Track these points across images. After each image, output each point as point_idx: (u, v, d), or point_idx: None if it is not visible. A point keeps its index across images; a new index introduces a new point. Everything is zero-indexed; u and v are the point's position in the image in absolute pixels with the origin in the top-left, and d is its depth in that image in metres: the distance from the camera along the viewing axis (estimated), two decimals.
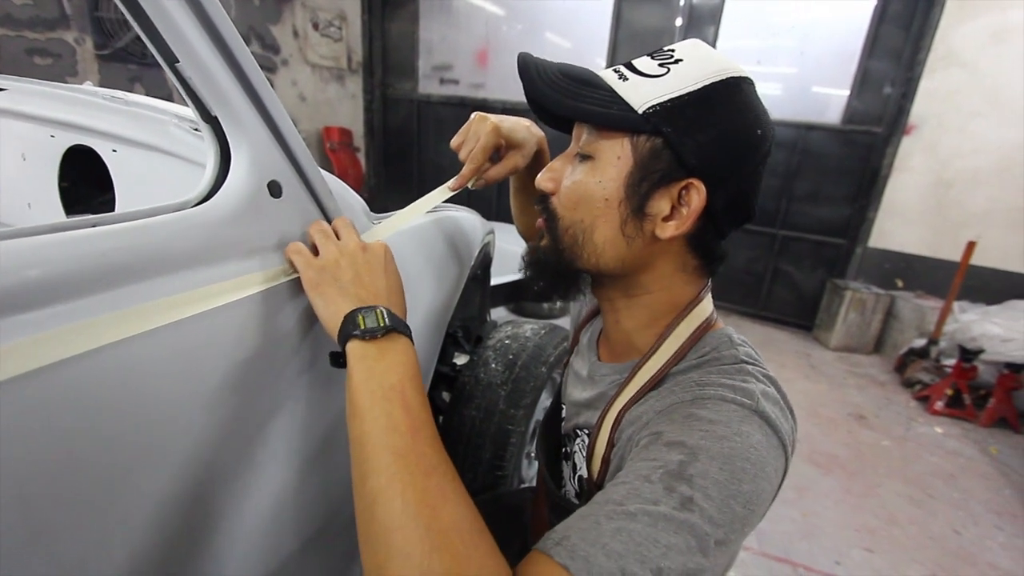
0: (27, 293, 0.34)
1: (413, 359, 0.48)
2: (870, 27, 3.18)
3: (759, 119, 0.49)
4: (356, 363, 0.46)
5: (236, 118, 0.48)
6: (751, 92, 0.49)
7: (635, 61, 0.51)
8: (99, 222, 0.41)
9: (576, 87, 0.50)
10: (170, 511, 0.45)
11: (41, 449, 0.34)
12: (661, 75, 0.48)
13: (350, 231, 0.56)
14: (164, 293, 0.42)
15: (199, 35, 0.44)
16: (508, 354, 1.24)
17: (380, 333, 0.47)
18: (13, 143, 0.87)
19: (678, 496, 0.37)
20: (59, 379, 0.34)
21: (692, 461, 0.39)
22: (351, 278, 0.51)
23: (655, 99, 0.47)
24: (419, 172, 4.94)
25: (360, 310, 0.48)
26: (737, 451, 0.40)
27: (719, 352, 0.50)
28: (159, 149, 0.73)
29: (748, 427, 0.42)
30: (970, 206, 3.10)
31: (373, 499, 0.38)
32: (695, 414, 0.43)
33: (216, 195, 0.48)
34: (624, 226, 0.50)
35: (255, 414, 0.52)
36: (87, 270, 0.37)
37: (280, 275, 0.52)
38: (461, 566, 0.35)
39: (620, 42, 3.83)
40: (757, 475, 0.40)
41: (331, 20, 4.42)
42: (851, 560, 1.64)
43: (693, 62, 0.48)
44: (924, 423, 2.61)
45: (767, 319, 3.82)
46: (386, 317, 0.48)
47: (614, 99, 0.48)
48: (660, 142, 0.47)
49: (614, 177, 0.49)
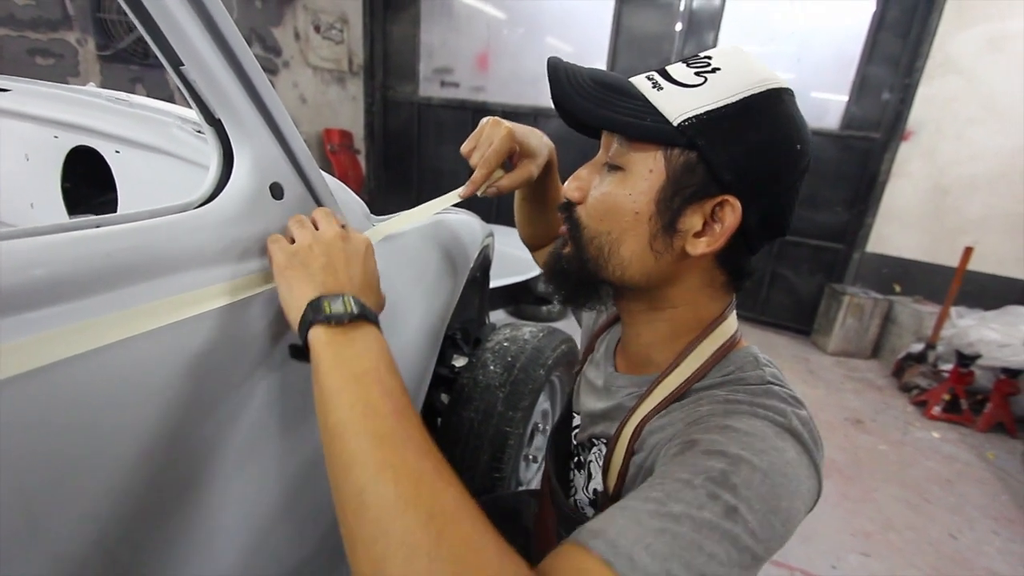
0: (33, 292, 0.34)
1: (385, 347, 0.45)
2: (868, 33, 3.19)
3: (799, 132, 0.46)
4: (322, 349, 0.42)
5: (239, 121, 0.49)
6: (791, 104, 0.47)
7: (670, 68, 0.49)
8: (103, 223, 0.41)
9: (608, 95, 0.48)
10: (170, 508, 0.45)
11: (44, 446, 0.35)
12: (698, 85, 0.46)
13: (329, 220, 0.54)
14: (168, 293, 0.42)
15: (204, 39, 0.45)
16: (507, 356, 1.24)
17: (347, 319, 0.43)
18: (17, 144, 0.87)
19: (723, 504, 0.35)
20: (64, 377, 0.35)
21: (735, 470, 0.37)
22: (322, 264, 0.48)
23: (691, 111, 0.45)
24: (419, 175, 4.95)
25: (325, 296, 0.45)
26: (776, 466, 0.38)
27: (744, 372, 0.48)
28: (162, 151, 0.74)
29: (783, 443, 0.40)
30: (967, 212, 3.12)
31: (361, 491, 0.34)
32: (731, 426, 0.41)
33: (219, 196, 0.49)
34: (653, 241, 0.48)
35: (257, 411, 0.52)
36: (92, 270, 0.38)
37: None
38: (476, 554, 0.31)
39: (620, 46, 3.85)
40: (794, 493, 0.38)
41: (332, 22, 4.44)
42: (848, 564, 1.64)
43: (732, 72, 0.46)
44: (921, 428, 2.61)
45: (765, 323, 3.83)
46: (353, 304, 0.45)
47: (647, 109, 0.46)
48: (695, 156, 0.45)
49: (645, 191, 0.47)
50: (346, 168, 4.60)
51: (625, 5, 3.77)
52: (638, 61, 3.81)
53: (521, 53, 4.33)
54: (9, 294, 0.33)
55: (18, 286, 0.33)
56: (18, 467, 0.33)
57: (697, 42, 3.62)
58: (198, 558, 0.49)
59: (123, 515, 0.41)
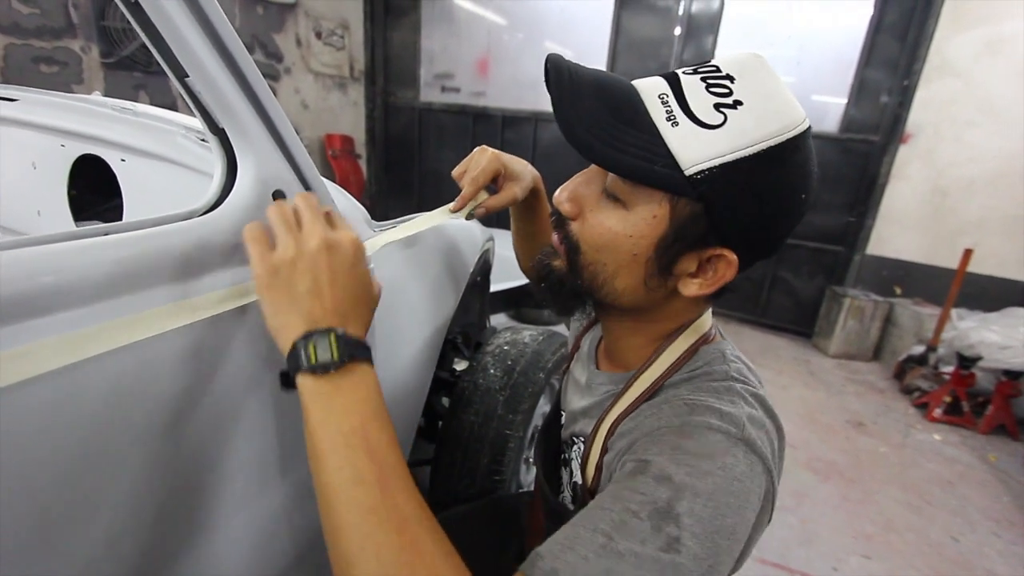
0: (43, 298, 0.35)
1: (373, 389, 0.44)
2: (866, 37, 3.21)
3: (807, 180, 0.45)
4: (311, 402, 0.42)
5: (242, 130, 0.50)
6: (806, 148, 0.45)
7: (686, 87, 0.45)
8: (111, 230, 0.42)
9: (615, 127, 0.44)
10: (175, 507, 0.46)
11: (55, 445, 0.36)
12: (716, 126, 0.42)
13: (315, 219, 0.47)
14: (174, 298, 0.43)
15: (208, 51, 0.46)
16: (507, 360, 1.25)
17: (333, 368, 0.42)
18: (24, 152, 0.89)
19: (665, 536, 0.37)
20: (75, 380, 0.36)
21: (679, 499, 0.39)
22: (308, 288, 0.44)
23: (706, 162, 0.42)
24: (420, 179, 4.97)
25: (312, 336, 0.43)
26: (721, 486, 0.40)
27: (711, 367, 0.50)
28: (166, 159, 0.75)
29: (731, 459, 0.42)
30: (966, 214, 3.13)
31: (348, 561, 0.37)
32: (681, 446, 0.42)
33: (223, 204, 0.50)
34: (648, 279, 0.49)
35: (260, 415, 0.53)
36: (100, 276, 0.39)
37: None
38: None
39: (619, 50, 3.88)
40: (741, 507, 0.40)
41: (334, 29, 4.47)
42: (848, 566, 1.64)
43: (755, 111, 0.43)
44: (922, 430, 2.61)
45: (766, 326, 3.83)
46: (338, 347, 0.43)
47: (659, 149, 0.43)
48: (700, 208, 0.44)
49: (646, 235, 0.47)
50: (347, 173, 4.63)
51: (624, 10, 3.79)
52: (637, 65, 3.83)
53: (521, 58, 4.35)
54: (22, 299, 0.34)
55: (29, 292, 0.35)
56: (30, 466, 0.34)
57: (696, 46, 3.64)
58: (201, 561, 0.50)
59: (127, 514, 0.42)
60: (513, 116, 4.27)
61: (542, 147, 4.23)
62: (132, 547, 0.43)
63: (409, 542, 0.37)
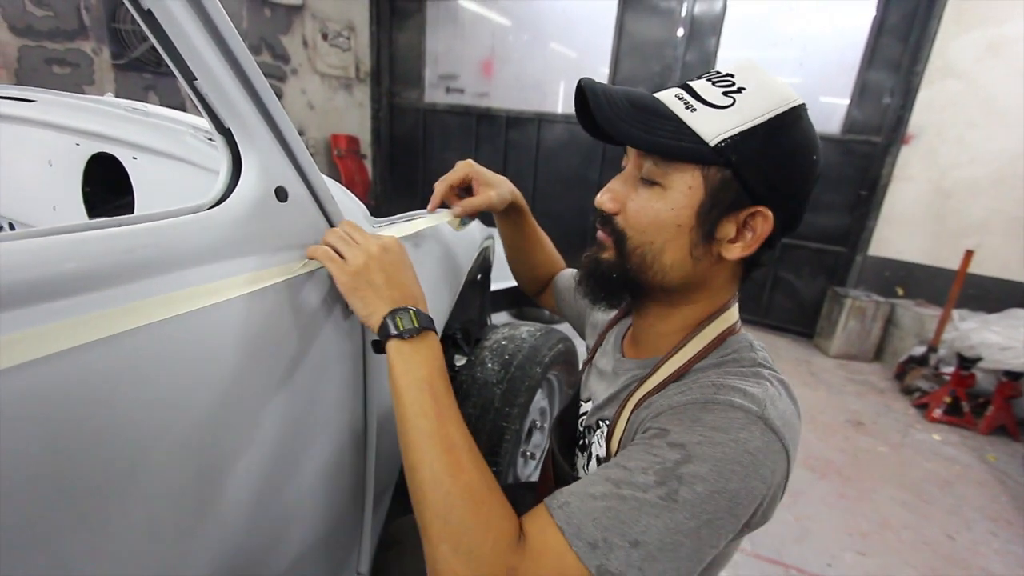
0: (65, 282, 0.39)
1: (438, 351, 0.57)
2: (869, 38, 3.22)
3: (815, 144, 0.53)
4: (395, 358, 0.55)
5: (247, 130, 0.54)
6: (807, 119, 0.52)
7: (696, 87, 0.53)
8: (124, 222, 0.46)
9: (648, 118, 0.52)
10: (176, 488, 0.49)
11: (74, 417, 0.39)
12: (728, 106, 0.50)
13: (363, 233, 0.62)
14: (182, 286, 0.47)
15: (215, 57, 0.49)
16: (504, 354, 1.28)
17: (415, 333, 0.55)
18: (41, 150, 0.93)
19: (666, 489, 0.44)
20: (86, 359, 0.39)
21: (686, 462, 0.45)
22: (383, 281, 0.58)
23: (726, 133, 0.49)
24: (424, 179, 5.01)
25: (396, 312, 0.56)
26: (729, 455, 0.45)
27: (739, 354, 0.55)
28: (176, 157, 0.79)
29: (747, 433, 0.46)
30: (968, 215, 3.13)
31: (412, 468, 0.50)
32: (701, 419, 0.47)
33: (228, 199, 0.53)
34: (693, 249, 0.54)
35: (258, 400, 0.57)
36: (115, 264, 0.42)
37: (286, 272, 0.57)
38: (479, 514, 0.47)
39: (622, 52, 3.90)
40: (747, 476, 0.44)
41: (340, 30, 4.52)
42: (843, 563, 1.66)
43: (757, 92, 0.51)
44: (922, 430, 2.62)
45: (768, 326, 3.84)
46: (417, 318, 0.56)
47: (684, 131, 0.51)
48: (729, 173, 0.51)
49: (686, 205, 0.52)
50: (353, 173, 4.68)
51: (628, 12, 3.81)
52: (641, 67, 3.86)
53: (525, 59, 4.38)
54: (45, 284, 0.38)
55: (52, 277, 0.38)
56: (48, 438, 0.38)
57: (699, 48, 3.66)
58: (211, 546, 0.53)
59: (139, 491, 0.45)
60: (517, 117, 4.30)
61: (545, 148, 4.26)
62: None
63: (454, 459, 0.49)
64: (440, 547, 0.46)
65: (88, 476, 0.41)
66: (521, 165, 4.42)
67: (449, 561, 0.45)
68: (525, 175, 4.41)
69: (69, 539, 0.40)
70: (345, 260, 0.59)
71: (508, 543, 0.46)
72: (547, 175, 4.34)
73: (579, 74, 0.57)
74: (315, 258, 0.59)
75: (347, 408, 0.71)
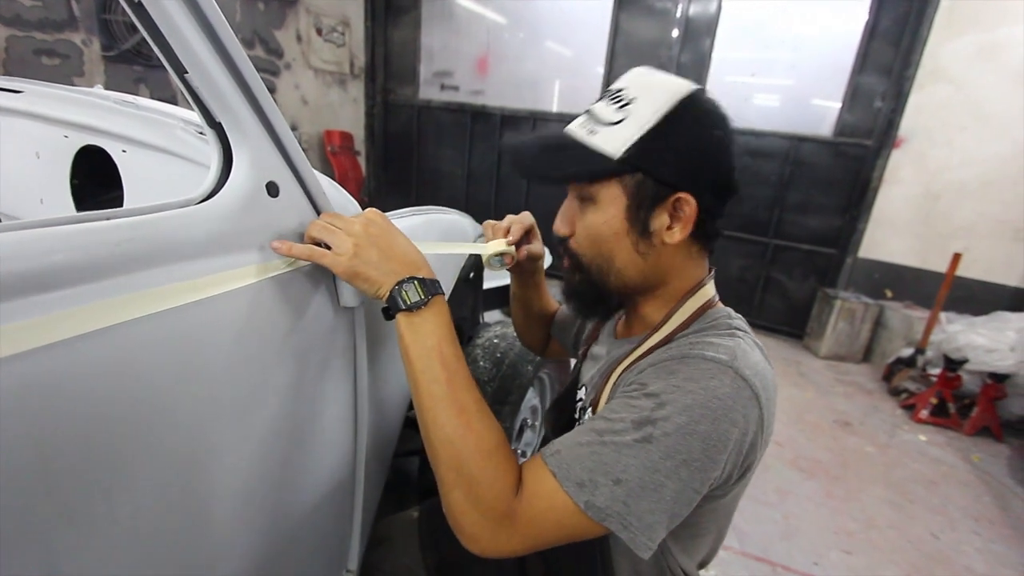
0: (49, 276, 0.38)
1: (446, 316, 0.60)
2: (861, 42, 3.25)
3: (714, 123, 0.57)
4: (405, 330, 0.58)
5: (238, 124, 0.53)
6: (702, 100, 0.57)
7: (595, 109, 0.59)
8: (111, 216, 0.45)
9: (555, 157, 0.60)
10: (161, 486, 0.49)
11: (57, 409, 0.39)
12: (622, 120, 0.56)
13: (342, 217, 0.62)
14: (170, 280, 0.46)
15: (207, 50, 0.49)
16: (496, 352, 1.28)
17: (423, 304, 0.58)
18: (29, 142, 0.92)
19: (642, 433, 0.50)
20: (73, 353, 0.39)
21: (660, 408, 0.51)
22: (379, 256, 0.59)
23: (624, 144, 0.55)
24: (418, 176, 5.00)
25: (401, 285, 0.58)
26: (700, 400, 0.50)
27: (717, 322, 0.61)
28: (166, 150, 0.78)
29: (716, 381, 0.51)
30: (957, 218, 3.16)
31: (427, 427, 0.56)
32: (676, 371, 0.53)
33: (219, 194, 0.53)
34: (637, 247, 0.60)
35: (247, 397, 0.56)
36: (103, 257, 0.42)
37: (275, 268, 0.57)
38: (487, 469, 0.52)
39: (618, 51, 3.90)
40: (717, 419, 0.50)
41: (334, 25, 4.49)
42: (829, 561, 1.68)
43: (645, 99, 0.56)
44: (909, 431, 2.65)
45: (759, 327, 3.87)
46: (422, 288, 0.58)
47: (590, 154, 0.57)
48: (640, 175, 0.57)
49: (615, 214, 0.59)
50: (346, 169, 4.65)
51: (623, 11, 3.82)
52: (635, 66, 3.85)
53: (521, 57, 4.38)
54: (29, 277, 0.37)
55: (39, 269, 0.38)
56: (36, 430, 0.37)
57: (694, 48, 3.68)
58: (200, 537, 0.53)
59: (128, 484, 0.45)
60: (512, 115, 4.30)
61: None
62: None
63: (464, 421, 0.55)
64: (453, 492, 0.53)
65: (72, 472, 0.40)
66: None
67: (461, 504, 0.53)
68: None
69: (51, 537, 0.40)
70: (334, 249, 0.59)
71: (510, 489, 0.53)
72: None
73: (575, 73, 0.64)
74: (301, 258, 0.59)
75: (337, 404, 0.71)
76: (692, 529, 0.61)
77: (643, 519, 0.49)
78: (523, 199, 4.42)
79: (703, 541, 0.65)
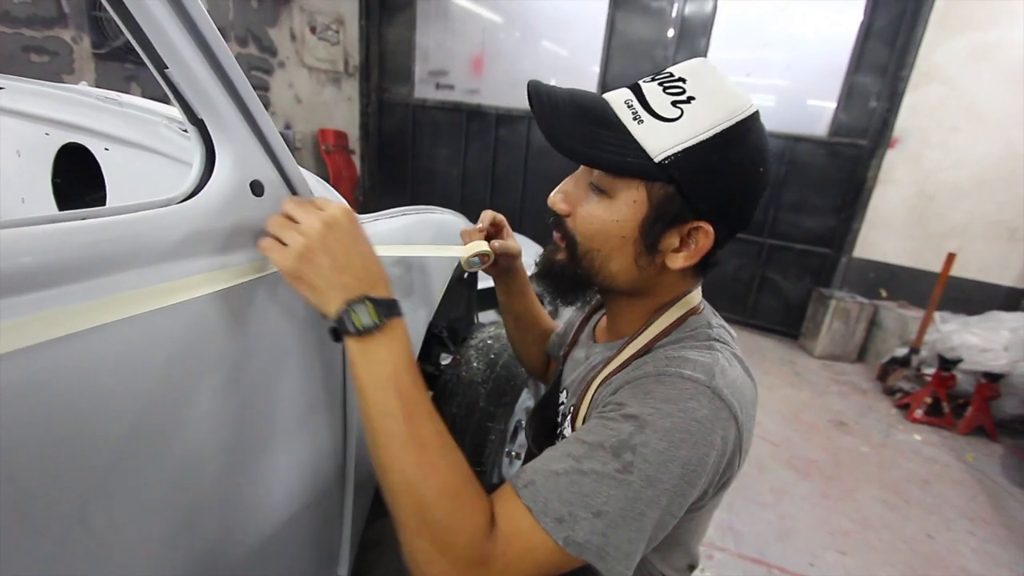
0: (21, 278, 0.37)
1: (403, 341, 0.52)
2: (856, 43, 3.25)
3: (763, 156, 0.52)
4: (357, 357, 0.51)
5: (221, 121, 0.51)
6: (757, 128, 0.52)
7: (646, 91, 0.52)
8: (89, 215, 0.44)
9: (591, 130, 0.52)
10: (146, 490, 0.47)
11: (28, 423, 0.37)
12: (675, 119, 0.50)
13: (307, 211, 0.53)
14: (149, 282, 0.45)
15: (188, 44, 0.47)
16: (489, 353, 1.27)
17: (375, 329, 0.50)
18: (9, 140, 0.89)
19: (622, 461, 0.46)
20: (47, 358, 0.37)
21: (639, 432, 0.47)
22: (330, 265, 0.51)
23: (670, 149, 0.49)
24: (413, 176, 4.97)
25: (351, 305, 0.50)
26: (678, 424, 0.47)
27: (696, 332, 0.58)
28: (149, 148, 0.76)
29: (695, 403, 0.48)
30: (951, 218, 3.18)
31: (383, 469, 0.49)
32: (653, 391, 0.50)
33: (201, 192, 0.51)
34: (638, 258, 0.56)
35: (232, 400, 0.55)
36: (77, 258, 0.40)
37: (259, 269, 0.55)
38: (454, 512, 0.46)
39: (613, 51, 3.90)
40: (696, 443, 0.47)
41: (329, 24, 4.46)
42: (824, 562, 1.67)
43: (706, 103, 0.50)
44: (903, 430, 2.65)
45: (754, 327, 3.87)
46: (376, 311, 0.51)
47: (629, 144, 0.51)
48: (673, 189, 0.51)
49: (630, 218, 0.54)
50: (340, 168, 4.62)
51: (619, 11, 3.81)
52: (631, 66, 3.86)
53: (516, 56, 4.36)
54: (3, 278, 0.35)
55: (7, 271, 0.36)
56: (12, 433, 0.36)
57: (689, 48, 3.67)
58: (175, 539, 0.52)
59: (104, 497, 0.43)
60: (507, 114, 4.28)
61: (535, 145, 4.25)
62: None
63: (427, 461, 0.48)
64: (416, 541, 0.47)
65: (50, 475, 0.39)
66: (511, 163, 4.40)
67: (427, 553, 0.47)
68: (515, 173, 4.40)
69: (35, 539, 0.38)
70: (285, 245, 0.52)
71: (482, 532, 0.47)
72: (537, 174, 4.32)
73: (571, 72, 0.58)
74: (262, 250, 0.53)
75: (325, 407, 0.69)
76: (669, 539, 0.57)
77: (621, 548, 0.46)
78: (519, 197, 4.41)
79: (680, 548, 0.63)
